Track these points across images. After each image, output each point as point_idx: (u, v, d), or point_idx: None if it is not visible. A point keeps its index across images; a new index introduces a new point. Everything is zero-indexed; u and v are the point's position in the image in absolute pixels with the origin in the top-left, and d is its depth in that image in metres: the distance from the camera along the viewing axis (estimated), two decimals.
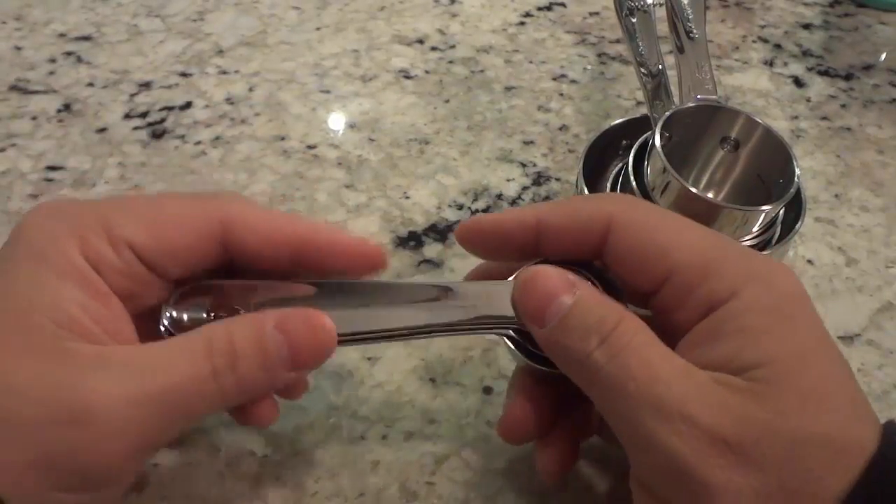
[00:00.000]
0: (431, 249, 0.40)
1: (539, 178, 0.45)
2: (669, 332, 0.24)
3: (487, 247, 0.27)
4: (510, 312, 0.25)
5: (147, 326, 0.25)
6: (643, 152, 0.34)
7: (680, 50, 0.38)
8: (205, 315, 0.25)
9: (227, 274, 0.27)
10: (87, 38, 0.55)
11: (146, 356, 0.22)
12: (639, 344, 0.22)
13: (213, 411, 0.24)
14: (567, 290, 0.23)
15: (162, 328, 0.25)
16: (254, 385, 0.24)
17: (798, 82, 0.54)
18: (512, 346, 0.26)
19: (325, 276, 0.27)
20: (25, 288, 0.22)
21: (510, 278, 0.26)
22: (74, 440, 0.20)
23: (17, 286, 0.22)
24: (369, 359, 0.34)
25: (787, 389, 0.21)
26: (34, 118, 0.48)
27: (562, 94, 0.51)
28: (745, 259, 0.23)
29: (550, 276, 0.24)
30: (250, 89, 0.51)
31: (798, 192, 0.34)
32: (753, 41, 0.58)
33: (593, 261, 0.26)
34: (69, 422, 0.20)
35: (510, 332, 0.26)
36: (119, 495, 0.24)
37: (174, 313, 0.25)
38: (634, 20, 0.39)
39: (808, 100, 0.52)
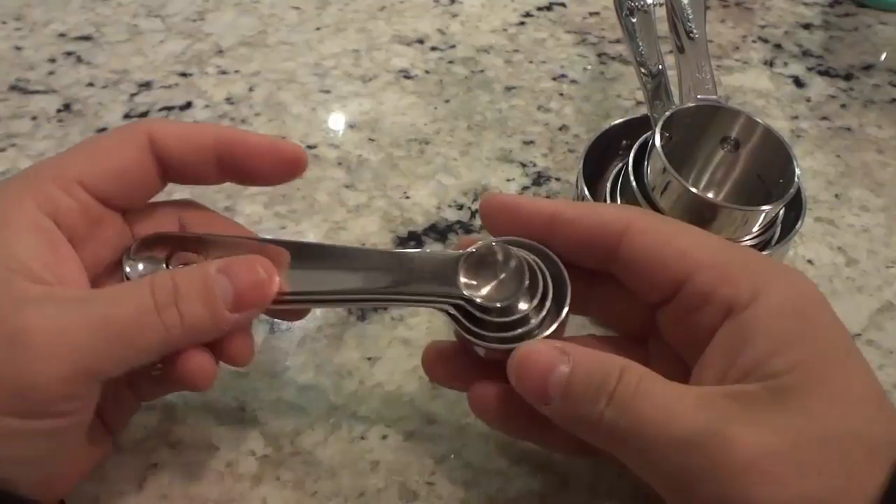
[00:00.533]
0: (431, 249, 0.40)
1: (539, 178, 0.45)
2: (682, 341, 0.24)
3: (502, 225, 0.27)
4: (455, 287, 0.25)
5: (110, 282, 0.27)
6: (643, 152, 0.34)
7: (680, 50, 0.38)
8: (164, 266, 0.27)
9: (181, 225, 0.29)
10: (87, 38, 0.55)
11: (90, 293, 0.24)
12: (646, 389, 0.22)
13: (161, 348, 0.24)
14: (561, 361, 0.23)
15: (125, 278, 0.26)
16: (198, 322, 0.24)
17: (798, 82, 0.54)
18: (454, 323, 0.26)
19: (252, 181, 0.28)
20: None
21: (466, 250, 0.26)
22: (12, 361, 0.21)
23: None
24: (369, 359, 0.34)
25: (815, 393, 0.21)
26: (34, 118, 0.48)
27: (562, 94, 0.51)
28: (764, 263, 0.24)
29: (541, 352, 0.24)
30: (250, 89, 0.51)
31: (798, 192, 0.34)
32: (753, 41, 0.58)
33: (540, 244, 0.26)
34: (7, 344, 0.21)
35: (450, 307, 0.26)
36: (73, 428, 0.23)
37: (134, 264, 0.27)
38: (634, 20, 0.39)
39: (808, 100, 0.52)
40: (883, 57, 0.57)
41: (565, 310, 0.25)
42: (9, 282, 0.22)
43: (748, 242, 0.33)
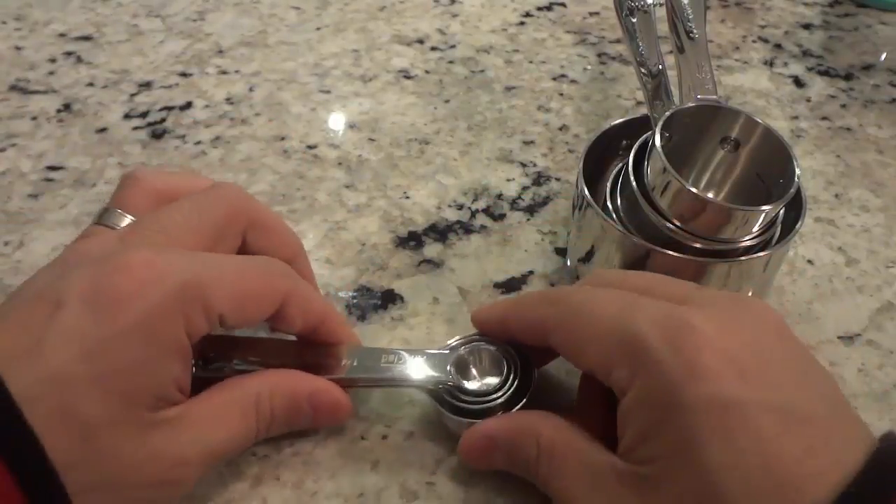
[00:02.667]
0: (431, 249, 0.40)
1: (539, 178, 0.45)
2: None
3: (491, 333, 0.32)
4: (442, 377, 0.30)
5: None
6: (643, 152, 0.34)
7: (680, 50, 0.38)
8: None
9: None
10: (87, 38, 0.55)
11: (210, 414, 0.27)
12: (559, 466, 0.26)
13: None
14: (489, 447, 0.28)
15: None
16: (275, 434, 0.29)
17: (798, 82, 0.54)
18: (433, 400, 0.30)
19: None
20: (133, 366, 0.24)
21: (449, 343, 0.32)
22: (162, 495, 0.26)
23: (126, 362, 0.24)
24: None
25: (671, 484, 0.22)
26: (34, 118, 0.48)
27: (562, 94, 0.51)
28: (642, 342, 0.24)
29: (472, 442, 0.29)
30: (250, 89, 0.51)
31: (798, 192, 0.34)
32: (753, 41, 0.58)
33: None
34: (160, 483, 0.25)
35: (428, 390, 0.31)
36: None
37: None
38: (634, 20, 0.39)
39: (809, 100, 0.52)
40: (883, 57, 0.57)
41: (530, 389, 0.30)
42: (154, 414, 0.25)
43: (748, 242, 0.33)
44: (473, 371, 0.31)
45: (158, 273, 0.25)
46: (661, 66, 0.38)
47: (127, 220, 0.29)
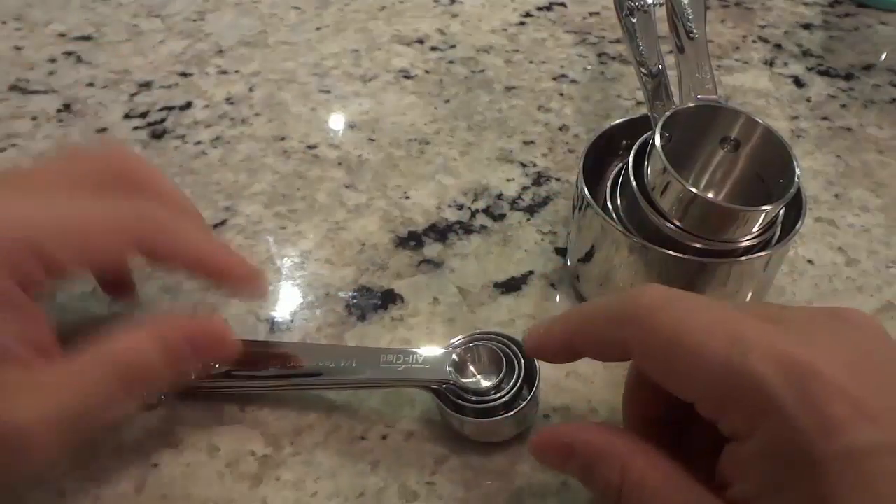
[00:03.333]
0: (431, 249, 0.40)
1: (539, 178, 0.44)
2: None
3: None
4: (441, 376, 0.30)
5: None
6: (643, 152, 0.34)
7: (680, 50, 0.38)
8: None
9: None
10: (87, 38, 0.55)
11: (60, 378, 0.25)
12: (658, 492, 0.23)
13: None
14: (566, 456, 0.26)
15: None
16: (163, 386, 0.27)
17: (798, 82, 0.54)
18: (436, 398, 0.30)
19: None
20: None
21: (451, 342, 0.32)
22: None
23: None
24: None
25: None
26: (34, 118, 0.48)
27: (562, 94, 0.51)
28: (762, 390, 0.21)
29: (547, 451, 0.27)
30: (250, 89, 0.51)
31: (798, 192, 0.34)
32: (754, 41, 0.58)
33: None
34: None
35: (432, 388, 0.31)
36: None
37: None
38: (634, 20, 0.39)
39: (809, 100, 0.52)
40: (883, 57, 0.57)
41: (533, 390, 0.30)
42: None
43: (748, 242, 0.33)
44: (473, 369, 0.31)
45: None
46: (661, 66, 0.38)
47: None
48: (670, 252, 0.32)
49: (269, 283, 0.33)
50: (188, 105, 0.49)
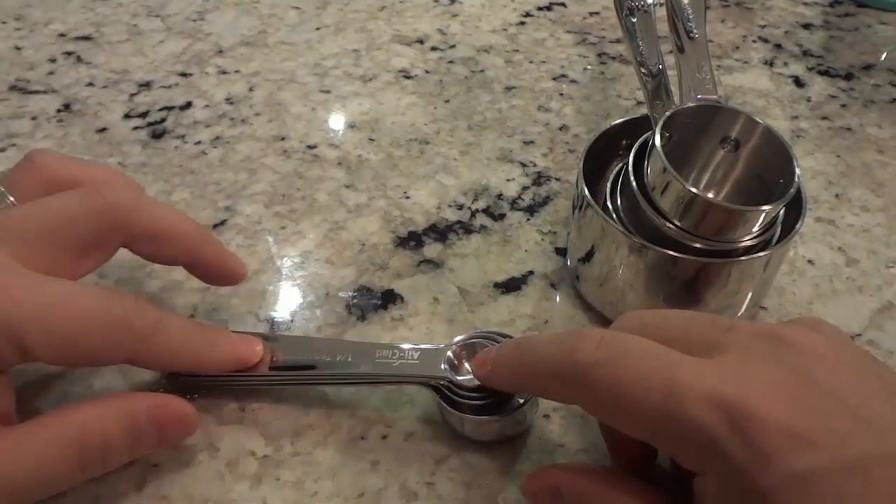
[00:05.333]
0: (431, 249, 0.40)
1: (539, 178, 0.44)
2: None
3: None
4: (435, 372, 0.30)
5: None
6: (643, 152, 0.34)
7: (680, 50, 0.38)
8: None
9: None
10: (87, 38, 0.55)
11: (16, 448, 0.24)
12: None
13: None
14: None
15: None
16: (118, 465, 0.27)
17: (798, 82, 0.54)
18: (436, 395, 0.30)
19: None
20: None
21: (453, 341, 0.31)
22: None
23: None
24: None
25: None
26: (34, 118, 0.48)
27: (562, 94, 0.51)
28: (707, 435, 0.22)
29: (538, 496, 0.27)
30: (250, 89, 0.51)
31: (798, 192, 0.34)
32: (754, 41, 0.58)
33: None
34: None
35: (432, 384, 0.31)
36: None
37: None
38: (634, 20, 0.39)
39: (809, 100, 0.52)
40: (883, 57, 0.57)
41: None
42: None
43: (748, 242, 0.33)
44: (469, 366, 0.31)
45: None
46: (661, 66, 0.38)
47: (8, 202, 0.29)
48: (670, 252, 0.32)
49: (246, 270, 0.34)
50: (188, 105, 0.49)
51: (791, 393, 0.22)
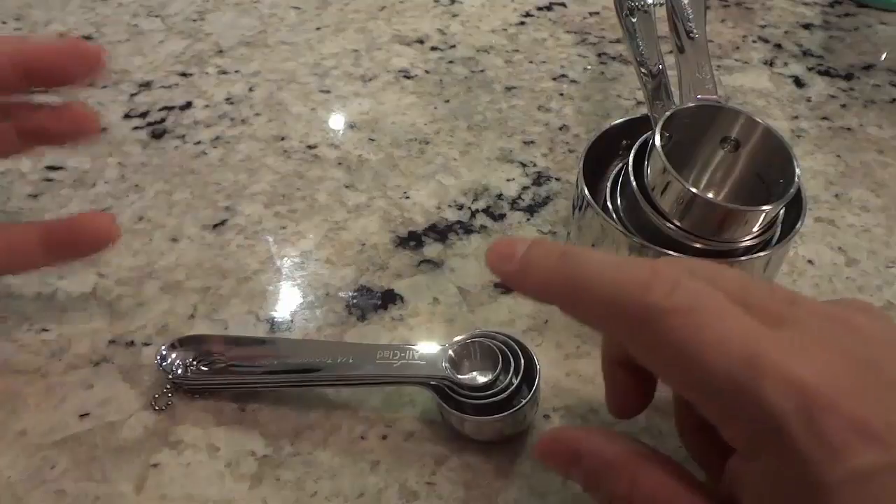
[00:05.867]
0: (431, 249, 0.40)
1: (539, 178, 0.44)
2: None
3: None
4: (436, 371, 0.30)
5: None
6: (643, 152, 0.34)
7: (680, 50, 0.38)
8: (192, 361, 0.32)
9: None
10: (86, 38, 0.55)
11: None
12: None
13: None
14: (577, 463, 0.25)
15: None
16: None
17: (798, 82, 0.54)
18: (436, 396, 0.30)
19: (57, 84, 0.33)
20: None
21: (453, 340, 0.31)
22: None
23: None
24: None
25: None
26: None
27: (562, 94, 0.51)
28: (774, 416, 0.21)
29: (556, 455, 0.26)
30: (250, 89, 0.51)
31: (798, 192, 0.34)
32: (754, 41, 0.58)
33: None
34: None
35: (430, 385, 0.31)
36: None
37: (168, 355, 0.32)
38: (634, 20, 0.39)
39: (809, 100, 0.52)
40: (883, 57, 0.57)
41: (533, 389, 0.30)
42: None
43: (748, 242, 0.33)
44: (470, 366, 0.31)
45: None
46: (661, 66, 0.38)
47: None
48: (670, 252, 0.32)
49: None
50: (188, 105, 0.49)
51: (862, 383, 0.21)
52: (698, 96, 0.37)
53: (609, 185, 0.36)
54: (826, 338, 0.22)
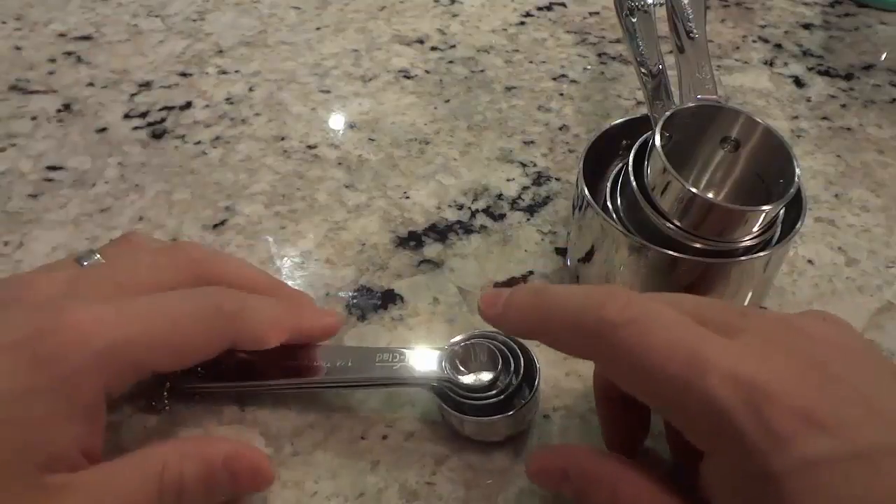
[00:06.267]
0: (431, 249, 0.40)
1: (539, 178, 0.44)
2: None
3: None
4: (437, 373, 0.30)
5: None
6: (643, 152, 0.34)
7: (680, 50, 0.38)
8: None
9: None
10: (87, 38, 0.55)
11: (103, 482, 0.25)
12: None
13: None
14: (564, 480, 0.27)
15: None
16: None
17: (798, 82, 0.54)
18: (436, 396, 0.31)
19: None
20: (33, 421, 0.24)
21: (452, 341, 0.32)
22: None
23: (28, 417, 0.24)
24: None
25: None
26: (34, 118, 0.48)
27: (562, 94, 0.51)
28: (721, 410, 0.22)
29: (545, 472, 0.28)
30: (250, 89, 0.51)
31: (798, 191, 0.34)
32: (754, 41, 0.58)
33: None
34: None
35: (431, 386, 0.31)
36: None
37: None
38: (634, 20, 0.39)
39: (809, 100, 0.52)
40: (883, 57, 0.57)
41: (533, 390, 0.30)
42: (37, 478, 0.24)
43: (748, 242, 0.33)
44: (470, 367, 0.31)
45: (84, 336, 0.25)
46: (661, 66, 0.38)
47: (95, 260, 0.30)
48: (670, 252, 0.32)
49: (338, 317, 0.34)
50: (188, 105, 0.49)
51: (808, 379, 0.22)
52: (698, 96, 0.37)
53: (609, 185, 0.36)
54: (774, 341, 0.23)
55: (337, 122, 0.49)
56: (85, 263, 0.30)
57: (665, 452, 0.30)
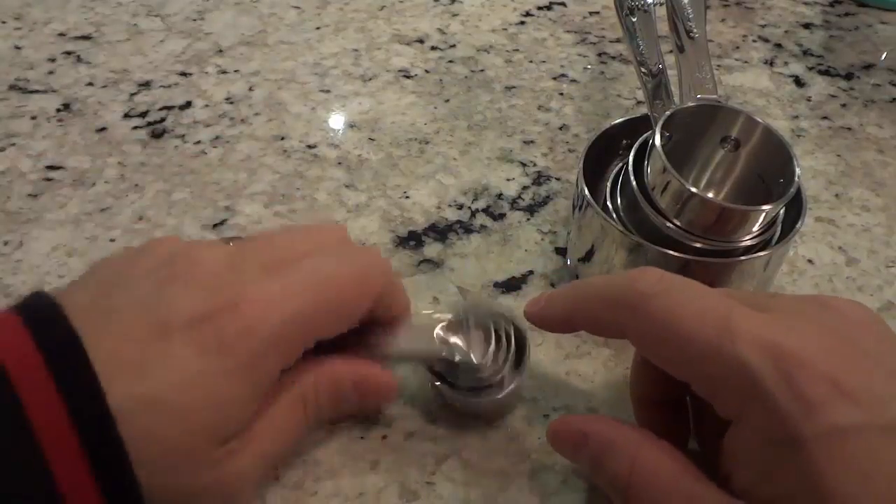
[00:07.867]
0: (431, 249, 0.40)
1: (539, 178, 0.44)
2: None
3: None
4: (436, 349, 0.30)
5: None
6: (643, 152, 0.34)
7: (680, 49, 0.38)
8: None
9: None
10: (86, 38, 0.55)
11: (262, 430, 0.26)
12: (655, 497, 0.24)
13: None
14: (582, 445, 0.27)
15: None
16: (330, 420, 0.31)
17: (798, 82, 0.54)
18: (430, 374, 0.31)
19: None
20: (223, 403, 0.24)
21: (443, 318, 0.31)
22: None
23: (217, 399, 0.24)
24: None
25: None
26: (34, 118, 0.48)
27: (562, 94, 0.51)
28: (751, 375, 0.22)
29: (565, 437, 0.28)
30: (250, 89, 0.51)
31: (798, 191, 0.34)
32: (754, 41, 0.58)
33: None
34: (223, 501, 0.26)
35: (429, 365, 0.31)
36: None
37: None
38: (635, 19, 0.39)
39: (809, 99, 0.52)
40: (883, 56, 0.57)
41: (524, 367, 0.31)
42: (215, 456, 0.24)
43: (748, 242, 0.33)
44: (464, 343, 0.30)
45: (263, 315, 0.25)
46: (661, 66, 0.38)
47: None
48: (670, 252, 0.32)
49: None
50: (188, 105, 0.49)
51: (839, 351, 0.22)
52: (698, 96, 0.37)
53: (609, 184, 0.36)
54: (807, 315, 0.24)
55: (337, 121, 0.49)
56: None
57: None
